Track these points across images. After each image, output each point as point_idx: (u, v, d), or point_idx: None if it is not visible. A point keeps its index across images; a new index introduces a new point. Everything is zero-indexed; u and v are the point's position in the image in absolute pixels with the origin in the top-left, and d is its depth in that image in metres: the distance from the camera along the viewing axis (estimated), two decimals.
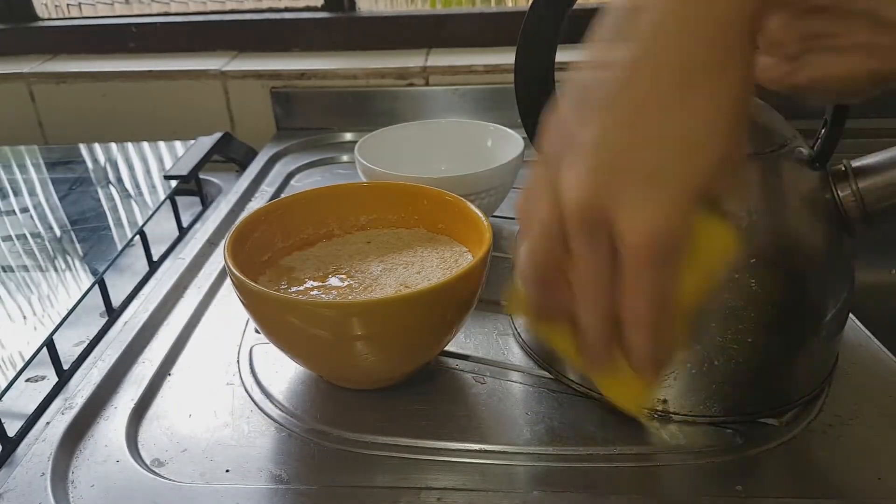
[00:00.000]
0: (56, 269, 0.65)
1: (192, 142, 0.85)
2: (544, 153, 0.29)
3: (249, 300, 0.43)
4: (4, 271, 0.65)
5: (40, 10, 1.04)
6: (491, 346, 0.51)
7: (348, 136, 0.91)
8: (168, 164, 0.84)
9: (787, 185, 0.42)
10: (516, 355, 0.50)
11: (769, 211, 0.41)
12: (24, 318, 0.57)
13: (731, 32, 0.25)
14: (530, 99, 0.48)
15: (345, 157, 0.86)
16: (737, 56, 0.25)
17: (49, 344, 0.52)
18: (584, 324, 0.29)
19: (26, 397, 0.51)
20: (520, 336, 0.51)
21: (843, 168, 0.42)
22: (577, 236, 0.27)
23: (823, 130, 0.44)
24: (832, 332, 0.45)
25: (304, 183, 0.81)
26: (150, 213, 0.72)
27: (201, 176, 0.81)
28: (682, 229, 0.26)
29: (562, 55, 0.48)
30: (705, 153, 0.25)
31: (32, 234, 0.71)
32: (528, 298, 0.31)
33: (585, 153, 0.27)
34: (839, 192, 0.41)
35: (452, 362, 0.50)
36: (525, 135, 0.52)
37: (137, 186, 0.81)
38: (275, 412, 0.46)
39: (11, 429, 0.47)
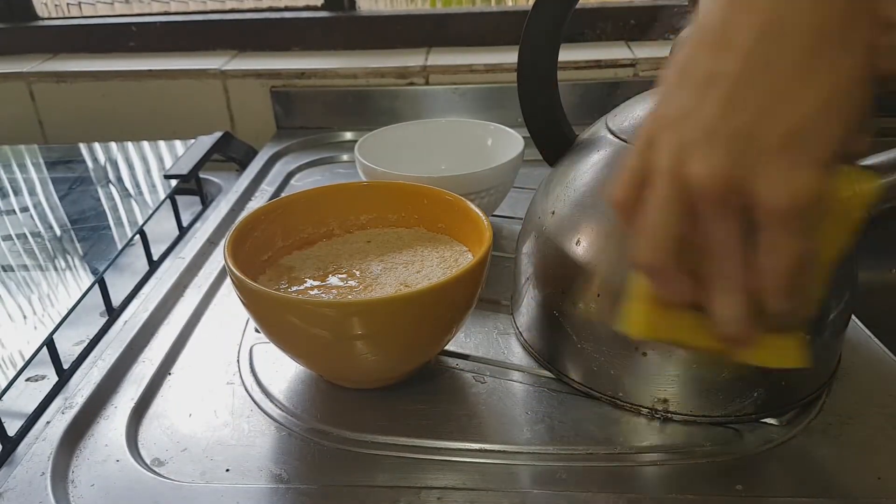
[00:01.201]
0: (56, 269, 0.65)
1: (193, 141, 0.85)
2: (647, 136, 0.29)
3: (249, 300, 0.43)
4: (4, 271, 0.65)
5: (40, 10, 1.04)
6: (491, 345, 0.51)
7: (348, 136, 0.91)
8: (168, 163, 0.84)
9: None
10: (517, 354, 0.50)
11: None
12: (24, 317, 0.57)
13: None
14: (533, 97, 0.48)
15: (345, 157, 0.86)
16: (863, 20, 0.25)
17: (49, 343, 0.52)
18: (723, 301, 0.29)
19: (26, 397, 0.51)
20: (521, 335, 0.51)
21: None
22: (713, 211, 0.27)
23: None
24: (834, 333, 0.45)
25: (304, 182, 0.81)
26: (151, 212, 0.72)
27: (201, 175, 0.81)
28: (822, 190, 0.26)
29: (564, 54, 0.48)
30: (839, 116, 0.26)
31: (32, 234, 0.71)
32: (655, 291, 0.31)
33: (711, 127, 0.26)
34: None
35: (452, 362, 0.50)
36: (526, 133, 0.52)
37: (137, 186, 0.81)
38: (275, 411, 0.46)
39: (11, 428, 0.47)
